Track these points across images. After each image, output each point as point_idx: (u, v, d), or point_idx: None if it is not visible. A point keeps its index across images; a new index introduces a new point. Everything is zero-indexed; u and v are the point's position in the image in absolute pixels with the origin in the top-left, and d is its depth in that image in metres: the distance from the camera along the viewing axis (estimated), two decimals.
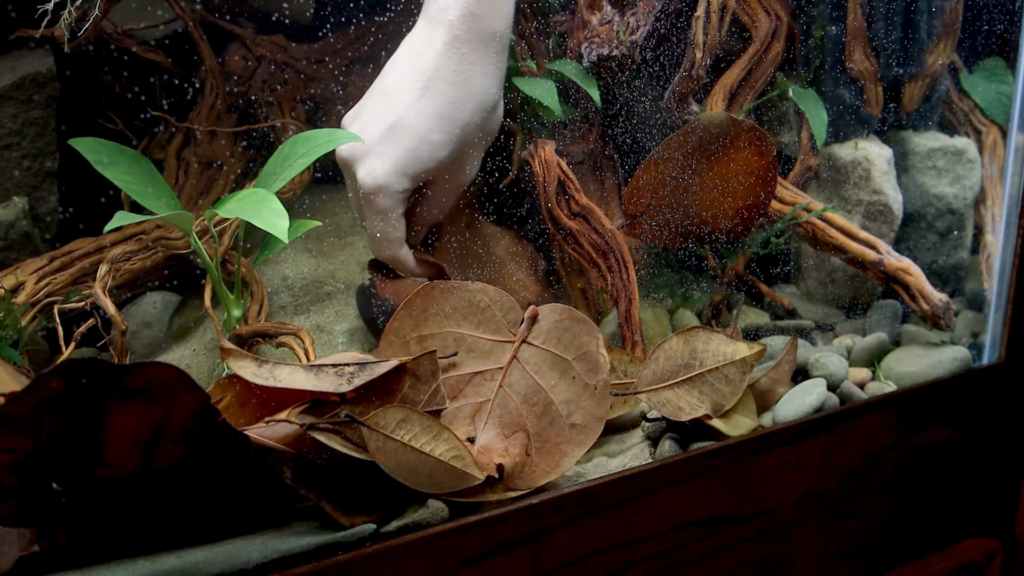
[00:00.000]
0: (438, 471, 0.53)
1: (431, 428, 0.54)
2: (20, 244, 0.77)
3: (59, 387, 0.42)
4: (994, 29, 1.05)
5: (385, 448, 0.52)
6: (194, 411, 0.47)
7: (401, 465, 0.53)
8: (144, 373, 0.44)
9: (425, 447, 0.53)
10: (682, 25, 0.87)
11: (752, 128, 0.82)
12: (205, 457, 0.49)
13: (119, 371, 0.44)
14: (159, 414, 0.46)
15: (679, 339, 0.67)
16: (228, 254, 0.81)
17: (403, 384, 0.57)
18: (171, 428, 0.47)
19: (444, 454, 0.54)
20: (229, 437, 0.49)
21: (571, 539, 0.57)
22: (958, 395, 0.82)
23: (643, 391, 0.66)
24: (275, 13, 0.90)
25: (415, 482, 0.53)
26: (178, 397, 0.46)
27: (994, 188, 1.03)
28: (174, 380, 0.45)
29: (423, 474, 0.53)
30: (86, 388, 0.43)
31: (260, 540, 0.51)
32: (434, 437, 0.54)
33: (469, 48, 0.70)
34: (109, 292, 0.72)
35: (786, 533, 0.71)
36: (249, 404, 0.59)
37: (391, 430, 0.53)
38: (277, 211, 0.65)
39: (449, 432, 0.54)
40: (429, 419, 0.54)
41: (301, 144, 0.73)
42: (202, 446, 0.48)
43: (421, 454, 0.53)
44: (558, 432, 0.60)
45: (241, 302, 0.77)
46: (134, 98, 0.84)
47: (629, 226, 0.85)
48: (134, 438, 0.46)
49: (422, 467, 0.53)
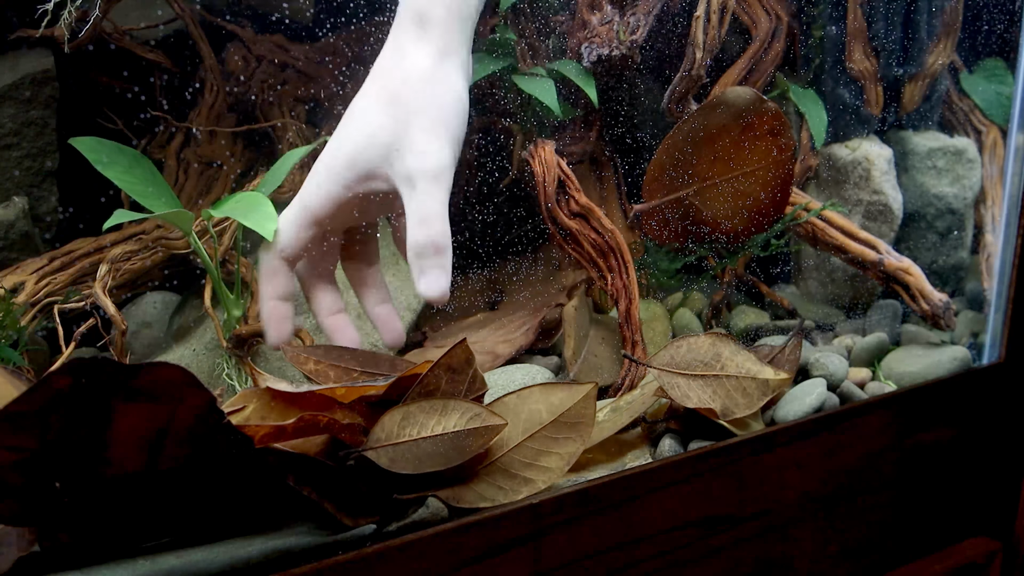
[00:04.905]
0: (461, 440, 0.52)
1: (434, 408, 0.52)
2: (20, 244, 0.77)
3: (67, 386, 0.42)
4: (994, 29, 1.05)
5: (398, 455, 0.51)
6: (199, 413, 0.46)
7: (423, 460, 0.51)
8: (151, 373, 0.44)
9: (436, 428, 0.52)
10: (682, 25, 0.87)
11: (776, 112, 0.82)
12: (209, 459, 0.48)
13: (126, 371, 0.44)
14: (165, 415, 0.46)
15: (708, 339, 0.68)
16: (228, 254, 0.81)
17: (440, 381, 0.56)
18: (176, 429, 0.46)
19: (459, 422, 0.52)
20: (234, 439, 0.49)
21: (571, 539, 0.57)
22: (958, 395, 0.82)
23: (657, 368, 0.66)
24: (275, 13, 0.90)
25: (446, 462, 0.52)
26: (184, 398, 0.45)
27: (994, 188, 1.03)
28: (181, 381, 0.45)
29: (450, 452, 0.52)
30: (93, 387, 0.43)
31: (260, 540, 0.51)
32: (440, 414, 0.53)
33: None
34: (109, 292, 0.72)
35: (786, 533, 0.71)
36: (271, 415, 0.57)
37: (396, 436, 0.52)
38: (267, 214, 0.65)
39: (454, 400, 0.53)
40: (427, 402, 0.53)
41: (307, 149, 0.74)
42: (207, 448, 0.48)
43: (435, 438, 0.52)
44: None
45: (241, 302, 0.77)
46: (134, 98, 0.84)
47: (643, 216, 0.85)
48: (139, 438, 0.46)
49: (444, 448, 0.52)
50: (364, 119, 0.61)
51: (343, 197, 0.61)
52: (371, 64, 0.64)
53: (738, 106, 0.81)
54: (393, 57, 0.62)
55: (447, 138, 0.60)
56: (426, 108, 0.60)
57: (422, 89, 0.60)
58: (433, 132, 0.60)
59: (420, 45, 0.61)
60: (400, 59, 0.61)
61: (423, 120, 0.60)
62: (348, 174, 0.60)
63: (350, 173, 0.60)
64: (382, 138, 0.59)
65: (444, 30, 0.61)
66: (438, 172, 0.59)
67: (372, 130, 0.60)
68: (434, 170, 0.59)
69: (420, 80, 0.60)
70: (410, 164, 0.59)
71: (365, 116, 0.61)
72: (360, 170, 0.60)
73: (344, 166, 0.60)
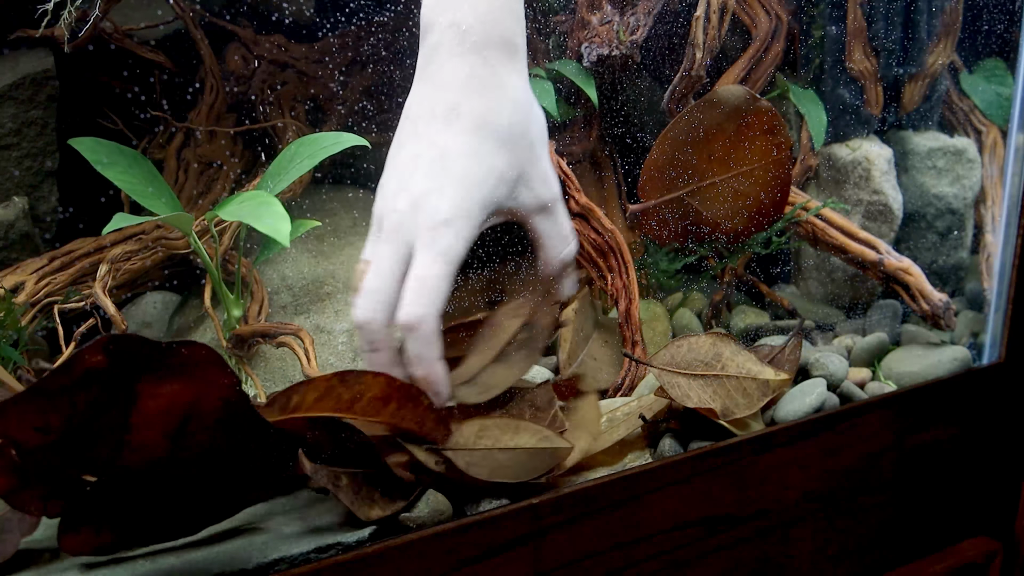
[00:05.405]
0: (530, 458, 0.56)
1: (508, 426, 0.57)
2: (20, 244, 0.77)
3: (99, 363, 0.41)
4: (994, 29, 1.05)
5: (474, 460, 0.55)
6: (225, 396, 0.45)
7: (495, 469, 0.55)
8: (182, 352, 0.43)
9: (510, 444, 0.56)
10: (682, 25, 0.87)
11: (769, 110, 0.82)
12: (232, 447, 0.48)
13: (160, 348, 0.43)
14: (192, 397, 0.45)
15: (708, 339, 0.69)
16: (228, 254, 0.81)
17: (523, 414, 0.61)
18: (202, 413, 0.45)
19: (528, 441, 0.56)
20: (258, 427, 0.48)
21: (571, 539, 0.57)
22: (958, 395, 0.82)
23: (657, 367, 0.67)
24: (275, 13, 0.90)
25: (514, 475, 0.56)
26: (211, 380, 0.45)
27: (994, 188, 1.03)
28: (209, 361, 0.44)
29: (519, 466, 0.56)
30: (124, 365, 0.42)
31: (260, 540, 0.51)
32: (514, 432, 0.57)
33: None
34: (109, 292, 0.72)
35: (786, 533, 0.71)
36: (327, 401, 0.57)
37: (473, 443, 0.55)
38: (279, 215, 0.64)
39: (526, 422, 0.57)
40: (503, 420, 0.57)
41: (306, 146, 0.73)
42: (231, 435, 0.47)
43: (508, 450, 0.55)
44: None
45: (241, 302, 0.77)
46: (134, 98, 0.84)
47: (641, 215, 0.85)
48: (164, 423, 0.45)
49: (515, 461, 0.56)
50: (487, 162, 0.59)
51: (474, 237, 0.60)
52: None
53: (731, 104, 0.81)
54: (489, 89, 0.59)
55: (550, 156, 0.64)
56: (538, 137, 0.62)
57: (529, 119, 0.61)
58: (547, 156, 0.63)
59: (513, 75, 0.60)
60: (499, 91, 0.59)
61: (539, 149, 0.62)
62: (482, 215, 0.59)
63: (483, 214, 0.59)
64: (510, 176, 0.60)
65: (523, 53, 0.61)
66: (560, 191, 0.63)
67: (500, 170, 0.59)
68: (559, 191, 0.63)
69: (526, 111, 0.61)
70: (540, 193, 0.62)
71: (485, 158, 0.59)
72: (491, 209, 0.60)
73: (480, 209, 0.59)
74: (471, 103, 0.58)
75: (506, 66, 0.59)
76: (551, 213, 0.63)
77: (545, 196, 0.62)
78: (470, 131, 0.58)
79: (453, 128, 0.58)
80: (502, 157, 0.59)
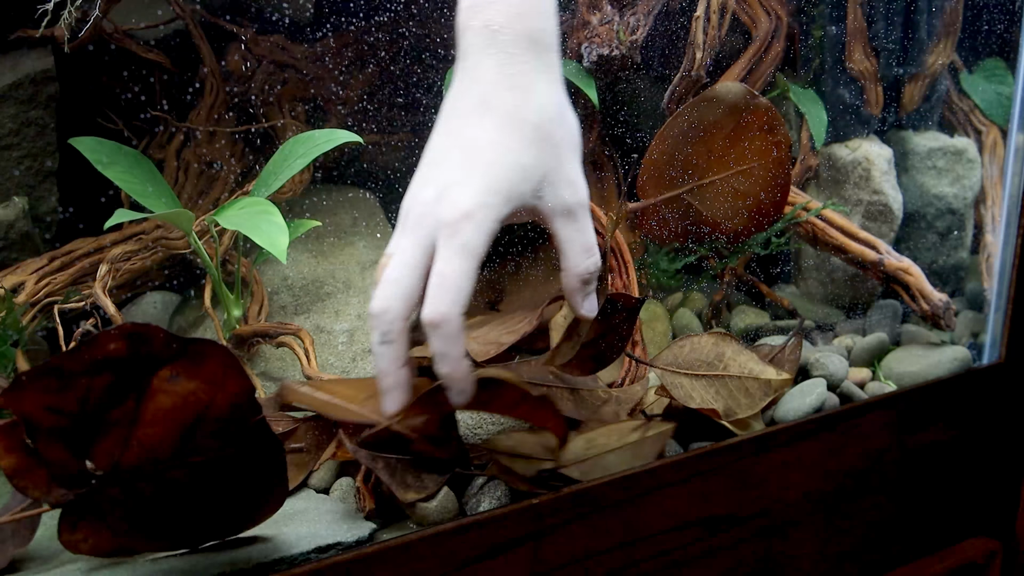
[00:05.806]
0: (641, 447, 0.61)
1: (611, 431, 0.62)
2: (20, 244, 0.77)
3: (121, 349, 0.40)
4: (994, 29, 1.05)
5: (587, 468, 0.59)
6: (236, 402, 0.45)
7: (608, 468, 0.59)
8: (201, 351, 0.43)
9: (617, 444, 0.61)
10: (682, 25, 0.87)
11: (768, 108, 0.81)
12: (240, 457, 0.47)
13: (180, 343, 0.42)
14: (204, 398, 0.44)
15: (710, 338, 0.69)
16: (228, 254, 0.81)
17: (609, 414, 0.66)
18: (212, 417, 0.45)
19: (634, 435, 0.61)
20: (265, 438, 0.47)
21: (571, 539, 0.57)
22: (958, 395, 0.82)
23: (660, 367, 0.67)
24: (275, 13, 0.90)
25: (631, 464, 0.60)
26: (225, 383, 0.44)
27: (994, 188, 1.03)
28: (225, 363, 0.43)
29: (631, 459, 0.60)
30: (142, 355, 0.41)
31: (261, 540, 0.51)
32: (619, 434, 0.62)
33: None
34: (109, 292, 0.72)
35: (786, 533, 0.71)
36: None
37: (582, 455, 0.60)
38: (277, 226, 0.64)
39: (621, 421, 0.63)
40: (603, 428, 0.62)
41: (301, 144, 0.73)
42: (238, 444, 0.46)
43: (620, 450, 0.60)
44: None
45: (241, 302, 0.77)
46: (134, 98, 0.84)
47: (640, 214, 0.85)
48: (175, 421, 0.44)
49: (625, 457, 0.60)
50: (512, 155, 0.59)
51: (496, 232, 0.60)
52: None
53: (728, 101, 0.81)
54: (519, 87, 0.60)
55: (582, 163, 0.63)
56: (568, 139, 0.61)
57: (558, 120, 0.60)
58: (576, 161, 0.62)
59: (544, 74, 0.60)
60: (529, 89, 0.60)
61: (567, 152, 0.61)
62: (505, 210, 0.59)
63: (506, 209, 0.59)
64: (535, 174, 0.59)
65: (556, 53, 0.61)
66: (587, 200, 0.62)
67: (525, 166, 0.59)
68: (585, 199, 0.61)
69: (556, 112, 0.60)
70: (565, 197, 0.60)
71: (511, 152, 0.59)
72: (514, 205, 0.59)
73: (503, 203, 0.58)
74: (501, 98, 0.58)
75: (536, 65, 0.60)
76: (575, 219, 0.61)
77: (570, 200, 0.61)
78: (498, 124, 0.58)
79: (483, 121, 0.58)
80: (529, 154, 0.59)
